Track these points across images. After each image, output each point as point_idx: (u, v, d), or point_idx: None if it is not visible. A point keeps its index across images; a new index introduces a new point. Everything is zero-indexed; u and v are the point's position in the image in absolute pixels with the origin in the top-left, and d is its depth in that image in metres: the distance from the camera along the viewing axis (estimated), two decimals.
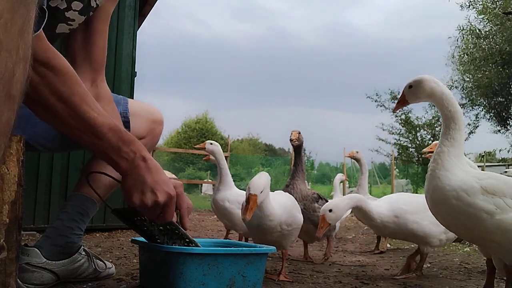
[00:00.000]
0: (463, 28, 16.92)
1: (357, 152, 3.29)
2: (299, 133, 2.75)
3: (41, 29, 0.92)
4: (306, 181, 2.80)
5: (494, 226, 1.46)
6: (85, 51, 1.57)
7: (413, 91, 1.72)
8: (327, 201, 2.78)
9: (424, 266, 2.57)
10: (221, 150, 3.13)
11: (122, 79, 4.19)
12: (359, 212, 2.17)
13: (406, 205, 2.19)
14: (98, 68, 1.59)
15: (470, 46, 17.13)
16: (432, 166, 1.59)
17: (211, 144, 3.11)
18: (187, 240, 1.45)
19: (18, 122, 0.61)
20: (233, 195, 2.91)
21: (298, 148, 2.74)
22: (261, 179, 1.82)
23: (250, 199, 1.76)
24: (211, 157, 3.78)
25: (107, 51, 1.64)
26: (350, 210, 2.29)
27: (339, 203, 2.05)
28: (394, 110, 1.87)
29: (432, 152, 2.02)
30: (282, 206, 1.98)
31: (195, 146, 3.30)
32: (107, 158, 1.21)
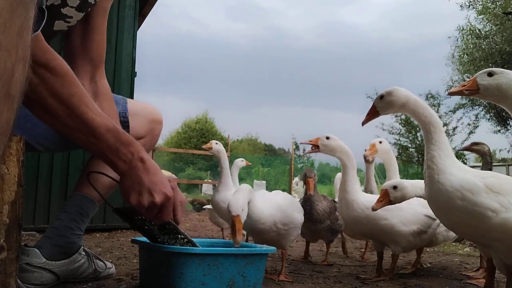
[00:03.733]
0: (463, 28, 16.89)
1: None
2: (314, 174, 2.55)
3: (40, 30, 0.92)
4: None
5: (498, 225, 1.44)
6: (84, 48, 1.57)
7: (386, 102, 1.73)
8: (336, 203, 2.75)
9: (424, 266, 2.57)
10: (224, 150, 3.18)
11: (122, 79, 4.19)
12: None
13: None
14: (97, 64, 1.59)
15: (470, 46, 17.09)
16: (429, 172, 1.58)
17: (217, 144, 3.15)
18: (186, 240, 1.45)
19: (18, 122, 0.61)
20: None
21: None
22: (238, 198, 1.73)
23: (234, 220, 1.67)
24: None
25: (106, 50, 1.64)
26: None
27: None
28: (363, 123, 1.78)
29: None
30: (275, 206, 1.97)
31: (203, 147, 3.32)
32: (105, 159, 1.21)
